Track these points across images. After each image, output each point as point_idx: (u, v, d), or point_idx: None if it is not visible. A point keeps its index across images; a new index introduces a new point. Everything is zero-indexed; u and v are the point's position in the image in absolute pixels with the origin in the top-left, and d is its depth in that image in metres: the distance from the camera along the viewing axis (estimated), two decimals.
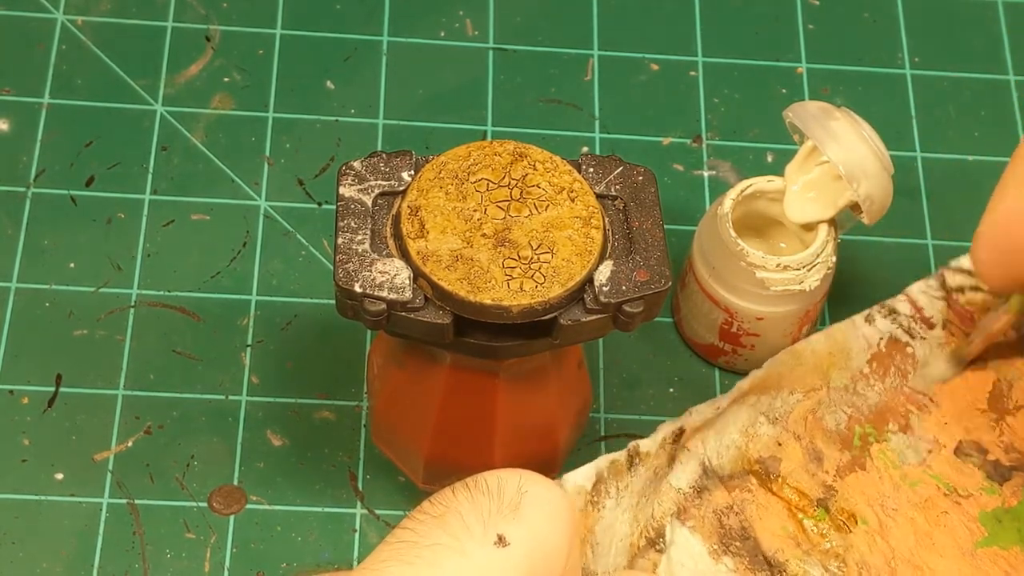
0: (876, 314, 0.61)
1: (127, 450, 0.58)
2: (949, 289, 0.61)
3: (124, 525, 0.57)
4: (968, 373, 0.60)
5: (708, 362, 0.62)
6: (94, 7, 0.68)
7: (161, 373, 0.60)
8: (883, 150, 0.56)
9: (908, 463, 0.58)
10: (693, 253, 0.60)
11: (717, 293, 0.59)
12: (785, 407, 0.58)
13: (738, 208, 0.59)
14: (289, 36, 0.69)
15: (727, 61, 0.70)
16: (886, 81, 0.70)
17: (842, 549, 0.56)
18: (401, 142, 0.66)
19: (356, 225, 0.48)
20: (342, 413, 0.60)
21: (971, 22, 0.72)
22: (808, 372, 0.59)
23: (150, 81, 0.67)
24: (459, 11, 0.70)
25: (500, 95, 0.68)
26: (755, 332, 0.59)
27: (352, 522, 0.57)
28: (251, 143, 0.66)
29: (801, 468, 0.57)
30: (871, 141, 0.56)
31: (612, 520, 0.55)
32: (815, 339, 0.60)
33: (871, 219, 0.57)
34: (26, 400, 0.59)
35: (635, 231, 0.48)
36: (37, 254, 0.62)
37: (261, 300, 0.62)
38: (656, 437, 0.57)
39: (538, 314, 0.47)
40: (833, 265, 0.58)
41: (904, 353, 0.60)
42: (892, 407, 0.59)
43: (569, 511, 0.43)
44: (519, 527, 0.41)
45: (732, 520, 0.56)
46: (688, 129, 0.68)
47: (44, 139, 0.65)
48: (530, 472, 0.43)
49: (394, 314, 0.47)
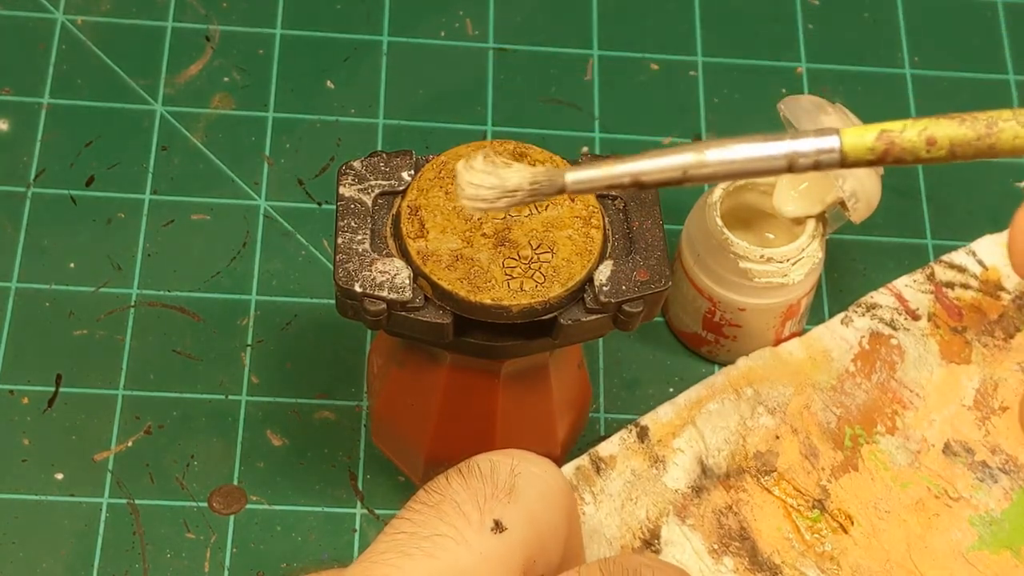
0: (852, 315, 0.61)
1: (127, 450, 0.58)
2: (939, 283, 0.61)
3: (124, 525, 0.57)
4: (955, 368, 0.60)
5: (693, 351, 0.62)
6: (94, 7, 0.68)
7: (161, 373, 0.60)
8: None
9: (898, 464, 0.58)
10: (681, 241, 0.60)
11: (702, 282, 0.59)
12: (782, 398, 0.59)
13: (729, 199, 0.59)
14: (289, 36, 0.69)
15: (727, 61, 0.70)
16: (886, 81, 0.70)
17: (837, 552, 0.56)
18: (401, 142, 0.66)
19: (356, 225, 0.48)
20: (342, 413, 0.60)
21: (971, 22, 0.72)
22: (791, 373, 0.59)
23: (150, 81, 0.67)
24: (459, 11, 0.70)
25: (500, 95, 0.68)
26: (737, 323, 0.59)
27: (352, 522, 0.57)
28: (251, 143, 0.66)
29: (798, 464, 0.58)
30: None
31: (596, 524, 0.56)
32: (792, 344, 0.60)
33: (858, 217, 0.58)
34: (26, 400, 0.59)
35: (635, 231, 0.48)
36: (37, 254, 0.62)
37: (261, 300, 0.62)
38: (613, 440, 0.58)
39: (538, 314, 0.47)
40: (820, 261, 0.58)
41: (889, 345, 0.60)
42: (879, 406, 0.59)
43: (563, 487, 0.43)
44: (515, 510, 0.41)
45: (731, 520, 0.56)
46: (688, 129, 0.68)
47: (44, 139, 0.65)
48: (522, 452, 0.43)
49: (394, 314, 0.47)
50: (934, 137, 0.38)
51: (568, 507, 0.43)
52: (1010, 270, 0.62)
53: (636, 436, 0.58)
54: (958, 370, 0.60)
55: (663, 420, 0.58)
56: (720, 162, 0.39)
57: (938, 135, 0.38)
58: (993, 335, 0.61)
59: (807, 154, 0.39)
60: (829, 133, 0.39)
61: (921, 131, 0.38)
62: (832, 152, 0.39)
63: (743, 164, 0.39)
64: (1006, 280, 0.62)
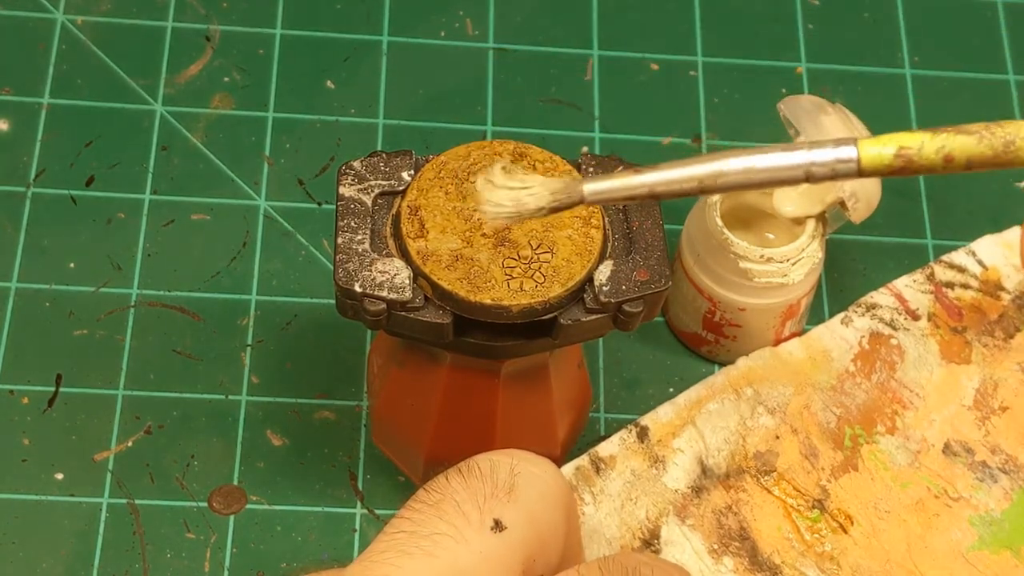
0: (852, 315, 0.61)
1: (127, 450, 0.58)
2: (939, 283, 0.61)
3: (124, 525, 0.57)
4: (955, 368, 0.60)
5: (693, 351, 0.62)
6: (94, 7, 0.68)
7: (161, 373, 0.60)
8: None
9: (898, 464, 0.58)
10: (681, 241, 0.60)
11: (702, 282, 0.59)
12: (782, 398, 0.59)
13: (729, 199, 0.59)
14: (289, 36, 0.69)
15: (727, 61, 0.70)
16: (886, 81, 0.70)
17: (837, 552, 0.56)
18: (401, 142, 0.66)
19: (356, 225, 0.48)
20: (342, 413, 0.60)
21: (971, 22, 0.72)
22: (791, 373, 0.59)
23: (150, 81, 0.67)
24: (459, 11, 0.70)
25: (500, 95, 0.68)
26: (737, 323, 0.59)
27: (352, 522, 0.57)
28: (251, 143, 0.66)
29: (798, 464, 0.58)
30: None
31: (596, 524, 0.56)
32: (792, 344, 0.60)
33: (857, 217, 0.58)
34: (26, 400, 0.59)
35: (635, 231, 0.48)
36: (37, 254, 0.62)
37: (261, 300, 0.62)
38: (613, 440, 0.58)
39: (538, 314, 0.47)
40: (820, 261, 0.58)
41: (888, 345, 0.60)
42: (879, 406, 0.59)
43: (562, 486, 0.43)
44: (515, 509, 0.41)
45: (731, 520, 0.56)
46: (688, 129, 0.68)
47: (44, 139, 0.65)
48: (521, 452, 0.43)
49: (394, 314, 0.47)
50: (952, 155, 0.39)
51: (567, 506, 0.44)
52: (1010, 270, 0.62)
53: (636, 436, 0.58)
54: (958, 370, 0.60)
55: (663, 420, 0.58)
56: (738, 171, 0.40)
57: (956, 154, 0.39)
58: (993, 335, 0.61)
59: (824, 164, 0.40)
60: (847, 143, 0.40)
61: (939, 149, 0.39)
62: (850, 163, 0.40)
63: (761, 174, 0.40)
64: (1006, 280, 0.62)
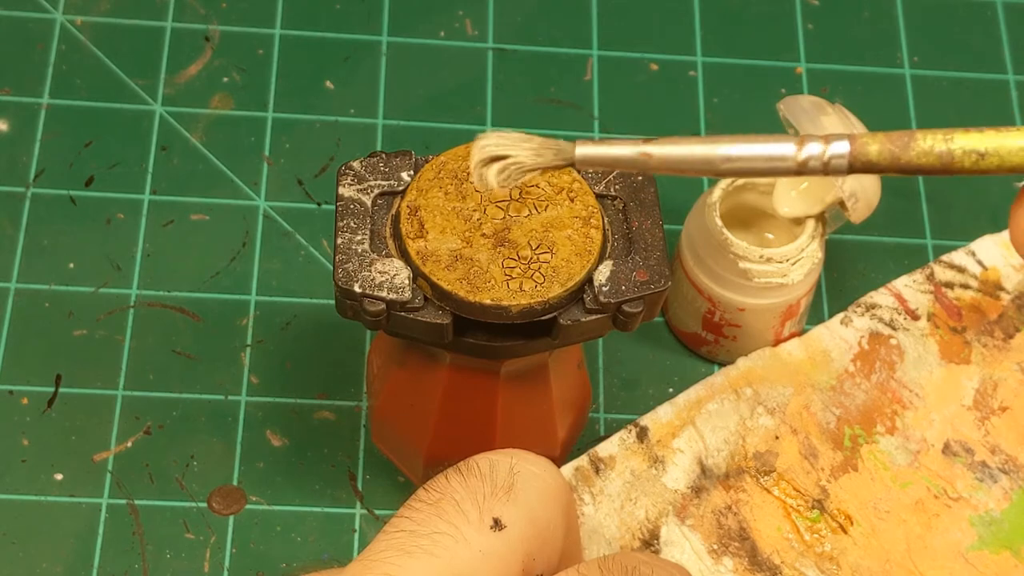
0: (852, 315, 0.61)
1: (127, 450, 0.58)
2: (938, 283, 0.61)
3: (124, 525, 0.57)
4: (954, 368, 0.60)
5: (693, 351, 0.62)
6: (94, 7, 0.68)
7: (161, 373, 0.60)
8: None
9: (898, 464, 0.58)
10: (681, 241, 0.60)
11: (701, 282, 0.59)
12: (781, 398, 0.59)
13: (728, 199, 0.59)
14: (289, 36, 0.69)
15: (727, 61, 0.70)
16: (886, 81, 0.70)
17: (836, 552, 0.56)
18: (401, 142, 0.66)
19: (355, 225, 0.48)
20: (342, 413, 0.60)
21: (971, 22, 0.72)
22: (791, 373, 0.59)
23: (149, 81, 0.67)
24: (459, 11, 0.70)
25: (500, 95, 0.68)
26: (737, 323, 0.59)
27: (352, 522, 0.57)
28: (251, 143, 0.66)
29: (797, 465, 0.58)
30: None
31: (596, 524, 0.56)
32: (792, 344, 0.60)
33: (857, 217, 0.58)
34: (26, 400, 0.59)
35: (635, 231, 0.48)
36: (37, 254, 0.62)
37: (260, 300, 0.62)
38: (612, 440, 0.58)
39: (538, 314, 0.47)
40: (820, 261, 0.58)
41: (888, 345, 0.60)
42: (878, 406, 0.59)
43: (562, 485, 0.43)
44: (514, 508, 0.41)
45: (730, 520, 0.56)
46: (688, 129, 0.68)
47: (44, 139, 0.65)
48: (521, 451, 0.43)
49: (394, 314, 0.47)
50: (941, 156, 0.39)
51: (566, 505, 0.44)
52: (1010, 270, 0.62)
53: (635, 436, 0.58)
54: (958, 370, 0.60)
55: (663, 420, 0.58)
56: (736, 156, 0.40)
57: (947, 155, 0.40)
58: (993, 335, 0.61)
59: (816, 157, 0.40)
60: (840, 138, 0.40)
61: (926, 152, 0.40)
62: (841, 158, 0.40)
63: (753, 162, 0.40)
64: (1006, 280, 0.62)
